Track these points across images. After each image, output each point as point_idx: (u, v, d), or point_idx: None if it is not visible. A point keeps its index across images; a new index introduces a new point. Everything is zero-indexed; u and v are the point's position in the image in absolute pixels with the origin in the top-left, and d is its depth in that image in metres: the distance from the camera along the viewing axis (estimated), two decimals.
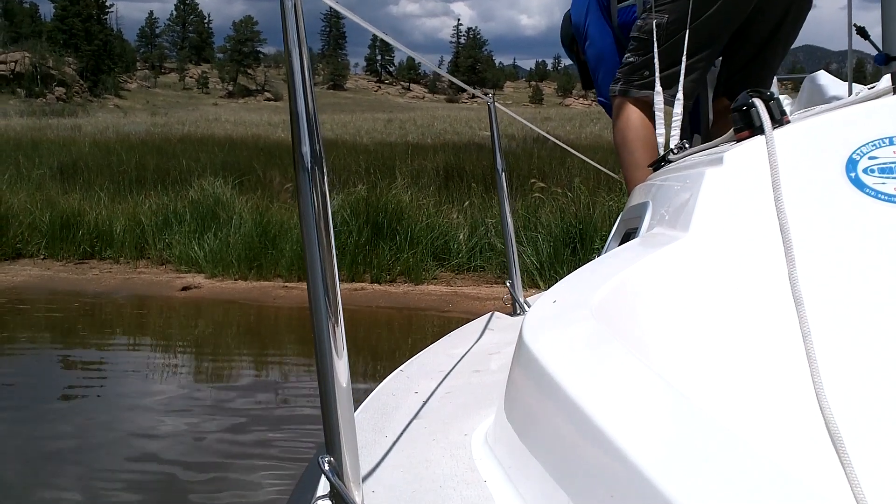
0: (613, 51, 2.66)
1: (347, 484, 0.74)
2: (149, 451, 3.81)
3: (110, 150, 15.65)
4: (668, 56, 2.24)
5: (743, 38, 2.45)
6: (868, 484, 0.71)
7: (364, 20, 1.21)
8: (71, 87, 77.82)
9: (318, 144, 0.75)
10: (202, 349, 6.24)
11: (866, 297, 0.95)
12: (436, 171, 12.06)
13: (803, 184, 1.01)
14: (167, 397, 4.76)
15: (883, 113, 1.03)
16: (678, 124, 2.14)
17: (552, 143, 13.92)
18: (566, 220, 7.85)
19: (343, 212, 8.19)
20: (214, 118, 39.93)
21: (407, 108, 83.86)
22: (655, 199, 1.46)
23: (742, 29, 2.40)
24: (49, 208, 9.65)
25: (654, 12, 2.30)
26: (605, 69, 2.69)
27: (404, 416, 1.09)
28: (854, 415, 0.82)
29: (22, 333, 6.62)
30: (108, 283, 8.14)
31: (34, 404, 4.51)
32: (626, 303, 0.98)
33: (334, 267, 0.76)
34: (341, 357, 0.75)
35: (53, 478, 3.52)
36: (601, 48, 2.73)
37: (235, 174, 11.32)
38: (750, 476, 0.55)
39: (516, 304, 1.99)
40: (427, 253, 8.11)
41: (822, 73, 2.45)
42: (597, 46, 2.74)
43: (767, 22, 2.43)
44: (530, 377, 0.83)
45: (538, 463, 0.75)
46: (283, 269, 8.01)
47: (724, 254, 1.01)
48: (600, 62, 2.74)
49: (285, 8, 0.74)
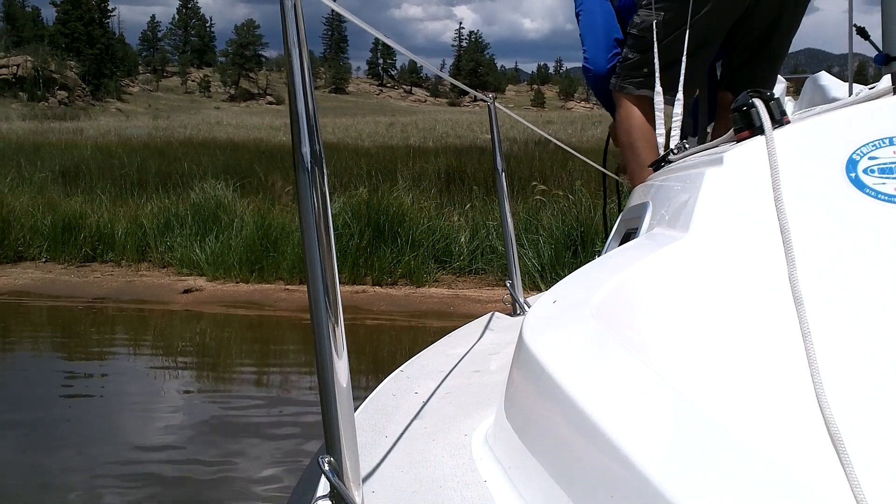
0: (604, 24, 2.66)
1: (347, 484, 0.74)
2: (147, 455, 3.81)
3: (112, 154, 15.68)
4: (666, 54, 2.24)
5: (742, 32, 2.45)
6: (868, 484, 0.71)
7: (366, 23, 1.21)
8: (73, 90, 77.97)
9: (318, 145, 0.75)
10: (203, 352, 6.24)
11: (866, 297, 0.95)
12: (437, 175, 12.07)
13: (803, 184, 1.01)
14: (166, 399, 4.76)
15: (883, 113, 1.03)
16: (678, 124, 2.14)
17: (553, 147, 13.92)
18: (567, 222, 7.85)
19: (345, 214, 8.19)
20: (216, 122, 39.93)
21: (409, 111, 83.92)
22: (655, 200, 1.46)
23: (740, 24, 2.40)
24: (51, 211, 9.67)
25: (653, 10, 2.30)
26: (593, 39, 2.68)
27: (404, 416, 1.09)
28: (854, 415, 0.82)
29: (22, 335, 6.63)
30: (110, 286, 8.14)
31: (33, 406, 4.51)
32: (626, 303, 0.98)
33: (334, 267, 0.76)
34: (341, 357, 0.75)
35: (51, 480, 3.52)
36: (592, 18, 2.72)
37: (237, 177, 11.33)
38: (750, 476, 0.55)
39: (516, 304, 1.99)
40: (428, 255, 8.12)
41: (823, 73, 2.45)
42: (589, 14, 2.74)
43: (764, 19, 2.43)
44: (530, 377, 0.83)
45: (538, 463, 0.75)
46: (284, 271, 8.01)
47: (724, 254, 1.01)
48: (588, 31, 2.74)
49: (285, 8, 0.74)
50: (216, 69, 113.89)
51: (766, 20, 2.44)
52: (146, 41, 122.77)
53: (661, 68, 2.21)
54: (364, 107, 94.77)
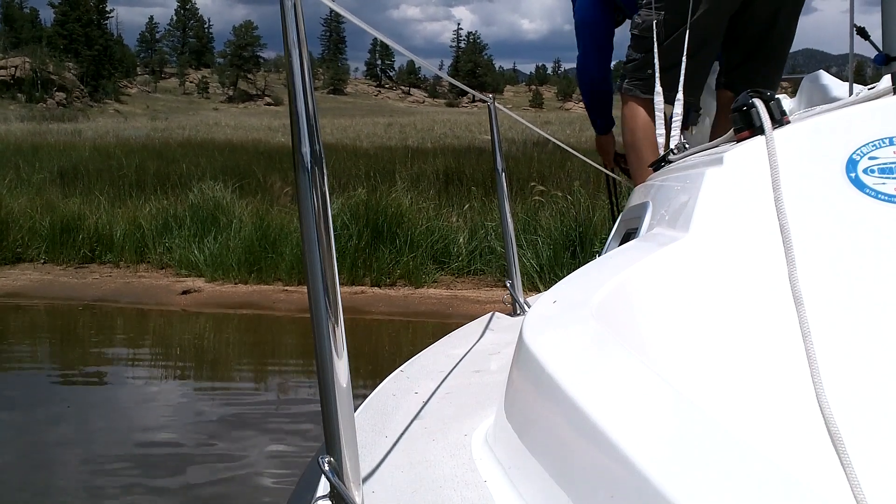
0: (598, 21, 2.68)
1: (347, 484, 0.74)
2: (146, 455, 3.81)
3: (110, 155, 15.66)
4: (668, 56, 2.24)
5: (740, 29, 2.45)
6: (868, 484, 0.71)
7: (364, 23, 1.21)
8: (71, 92, 77.87)
9: (318, 145, 0.75)
10: (202, 353, 6.24)
11: (866, 297, 0.95)
12: (436, 175, 12.07)
13: (803, 184, 1.01)
14: (166, 401, 4.75)
15: (883, 113, 1.03)
16: (678, 124, 2.14)
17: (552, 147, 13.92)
18: (566, 223, 7.86)
19: (343, 215, 8.19)
20: (214, 123, 39.91)
21: (407, 112, 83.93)
22: (655, 200, 1.46)
23: (737, 21, 2.41)
24: (49, 213, 9.65)
25: (653, 9, 2.30)
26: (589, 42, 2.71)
27: (404, 416, 1.09)
28: (854, 415, 0.82)
29: (21, 336, 6.62)
30: (108, 288, 8.14)
31: (32, 407, 4.51)
32: (626, 303, 0.98)
33: (334, 267, 0.75)
34: (341, 357, 0.75)
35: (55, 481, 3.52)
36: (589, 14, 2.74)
37: (235, 178, 11.31)
38: (750, 476, 0.55)
39: (516, 304, 1.99)
40: (427, 256, 8.11)
41: (821, 72, 2.45)
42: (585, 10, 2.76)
43: (760, 16, 2.44)
44: (530, 377, 0.83)
45: (538, 463, 0.75)
46: (283, 272, 8.01)
47: (724, 254, 1.01)
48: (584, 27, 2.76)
49: (285, 8, 0.74)
50: (214, 70, 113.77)
51: (762, 17, 2.44)
52: (144, 42, 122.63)
53: (664, 69, 2.21)
54: (362, 107, 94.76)
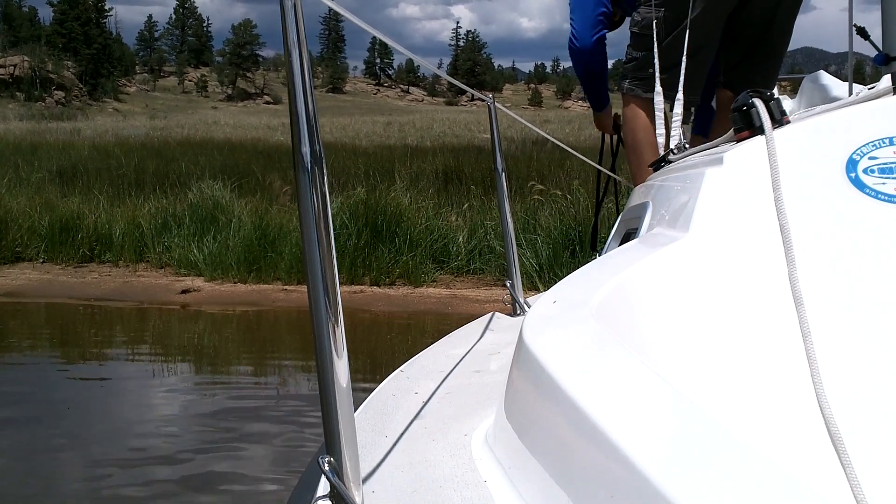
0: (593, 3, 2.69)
1: (347, 484, 0.74)
2: (145, 456, 3.81)
3: (109, 154, 15.65)
4: (667, 56, 2.24)
5: (738, 28, 2.45)
6: (868, 484, 0.71)
7: (364, 22, 1.21)
8: (70, 90, 77.82)
9: (317, 144, 0.75)
10: (201, 352, 6.23)
11: (866, 298, 0.95)
12: (435, 174, 12.06)
13: (803, 184, 1.01)
14: (165, 399, 4.75)
15: (883, 113, 1.03)
16: (678, 124, 2.14)
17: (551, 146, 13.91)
18: (565, 222, 7.85)
19: (342, 214, 8.18)
20: (213, 121, 39.90)
21: (406, 110, 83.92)
22: (655, 200, 1.46)
23: (735, 19, 2.40)
24: (48, 212, 9.64)
25: (653, 7, 2.30)
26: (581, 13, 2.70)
27: (404, 416, 1.09)
28: (854, 415, 0.82)
29: (21, 336, 6.61)
30: (108, 287, 8.13)
31: (32, 407, 4.50)
32: (626, 303, 0.97)
33: (334, 266, 0.75)
34: (341, 357, 0.75)
35: (55, 481, 3.52)
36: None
37: (234, 177, 11.31)
38: (750, 476, 0.55)
39: (516, 304, 1.99)
40: (426, 255, 8.11)
41: (821, 72, 2.45)
42: None
43: (758, 15, 2.44)
44: (530, 377, 0.83)
45: (538, 463, 0.74)
46: (282, 272, 8.01)
47: (724, 254, 1.01)
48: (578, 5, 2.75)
49: (285, 7, 0.74)
50: (213, 69, 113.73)
51: (760, 16, 2.44)
52: (143, 41, 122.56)
53: (664, 68, 2.21)
54: (361, 106, 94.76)
